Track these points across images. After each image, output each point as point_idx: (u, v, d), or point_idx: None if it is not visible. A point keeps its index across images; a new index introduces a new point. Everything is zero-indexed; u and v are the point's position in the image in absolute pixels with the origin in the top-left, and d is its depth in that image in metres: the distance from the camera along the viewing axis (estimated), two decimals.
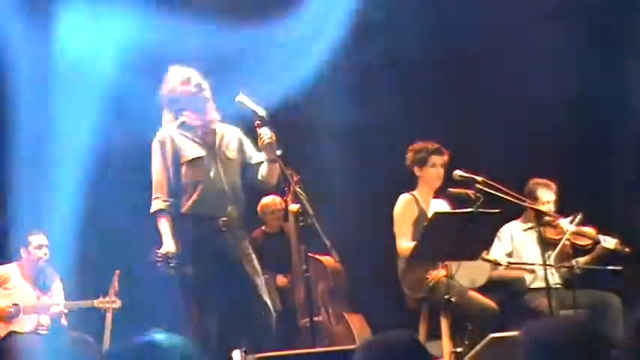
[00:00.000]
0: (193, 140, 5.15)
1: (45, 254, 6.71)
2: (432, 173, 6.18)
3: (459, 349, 5.70)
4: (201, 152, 5.13)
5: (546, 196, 6.56)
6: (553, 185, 6.63)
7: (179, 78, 5.15)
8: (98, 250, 7.18)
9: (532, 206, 6.27)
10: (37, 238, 6.71)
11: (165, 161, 5.11)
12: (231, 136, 5.27)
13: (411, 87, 7.60)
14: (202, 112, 5.16)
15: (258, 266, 5.22)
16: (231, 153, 5.24)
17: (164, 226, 5.06)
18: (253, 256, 5.22)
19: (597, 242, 6.52)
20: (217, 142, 5.21)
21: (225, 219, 5.09)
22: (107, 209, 7.27)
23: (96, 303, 6.61)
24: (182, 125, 5.16)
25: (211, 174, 5.12)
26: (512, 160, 7.03)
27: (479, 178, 5.75)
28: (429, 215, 5.96)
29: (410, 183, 6.31)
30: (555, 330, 2.18)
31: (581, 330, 1.92)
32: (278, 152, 5.11)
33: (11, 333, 6.47)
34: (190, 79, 5.14)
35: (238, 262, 5.12)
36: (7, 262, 6.79)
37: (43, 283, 6.73)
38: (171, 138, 5.13)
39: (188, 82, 5.13)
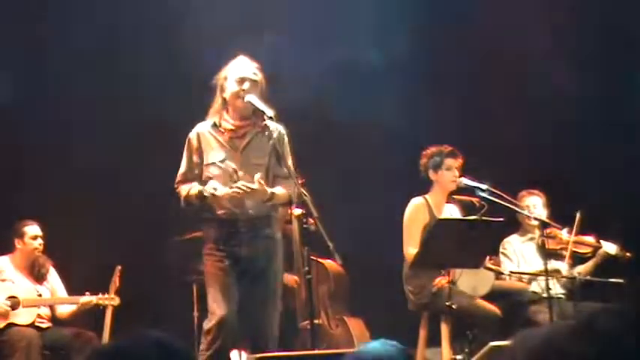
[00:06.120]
0: (219, 143, 5.21)
1: (40, 244, 6.64)
2: (448, 176, 6.13)
3: (458, 357, 5.69)
4: (222, 155, 5.18)
5: (531, 201, 6.52)
6: (541, 194, 6.60)
7: (237, 74, 5.20)
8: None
9: (536, 216, 6.26)
10: (31, 229, 6.63)
11: (190, 158, 5.23)
12: (261, 141, 5.25)
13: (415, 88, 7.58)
14: (239, 115, 5.21)
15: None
16: (258, 158, 5.24)
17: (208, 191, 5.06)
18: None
19: (597, 249, 6.49)
20: (243, 145, 5.22)
21: (243, 219, 5.13)
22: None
23: (95, 300, 6.56)
24: (213, 126, 5.22)
25: (230, 176, 5.14)
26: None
27: (483, 187, 5.73)
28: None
29: (415, 185, 6.27)
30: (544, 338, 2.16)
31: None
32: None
33: (10, 325, 6.40)
34: (244, 80, 5.17)
35: (251, 262, 5.16)
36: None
37: (37, 272, 6.67)
38: (199, 137, 5.23)
39: (241, 82, 5.18)
